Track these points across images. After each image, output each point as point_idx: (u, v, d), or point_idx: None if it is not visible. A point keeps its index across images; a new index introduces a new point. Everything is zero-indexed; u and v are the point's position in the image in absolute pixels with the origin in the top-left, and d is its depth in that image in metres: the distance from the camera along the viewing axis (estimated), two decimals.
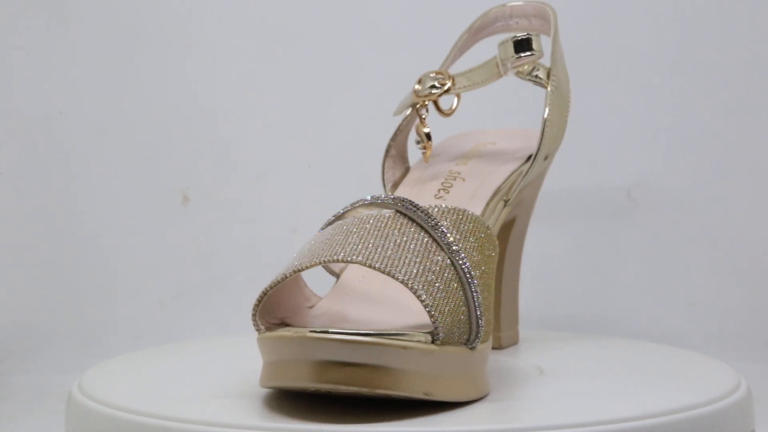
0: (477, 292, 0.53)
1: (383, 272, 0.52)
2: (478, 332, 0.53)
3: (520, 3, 0.72)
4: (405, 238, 0.54)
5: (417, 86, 0.67)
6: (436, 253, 0.54)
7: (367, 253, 0.52)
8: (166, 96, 0.89)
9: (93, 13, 0.88)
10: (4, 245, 0.87)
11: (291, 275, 0.53)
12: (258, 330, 0.54)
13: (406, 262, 0.53)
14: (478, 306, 0.53)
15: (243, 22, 0.90)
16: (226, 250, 0.89)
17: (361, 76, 0.90)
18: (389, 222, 0.54)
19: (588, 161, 0.90)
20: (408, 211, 0.55)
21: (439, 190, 0.67)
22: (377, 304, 0.57)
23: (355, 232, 0.54)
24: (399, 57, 0.87)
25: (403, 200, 0.55)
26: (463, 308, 0.53)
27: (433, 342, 0.51)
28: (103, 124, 0.88)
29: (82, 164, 0.88)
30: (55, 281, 0.87)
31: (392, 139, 0.69)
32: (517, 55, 0.65)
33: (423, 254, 0.53)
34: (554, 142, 0.69)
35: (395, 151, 0.70)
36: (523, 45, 0.65)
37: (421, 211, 0.54)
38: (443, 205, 0.56)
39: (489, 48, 0.74)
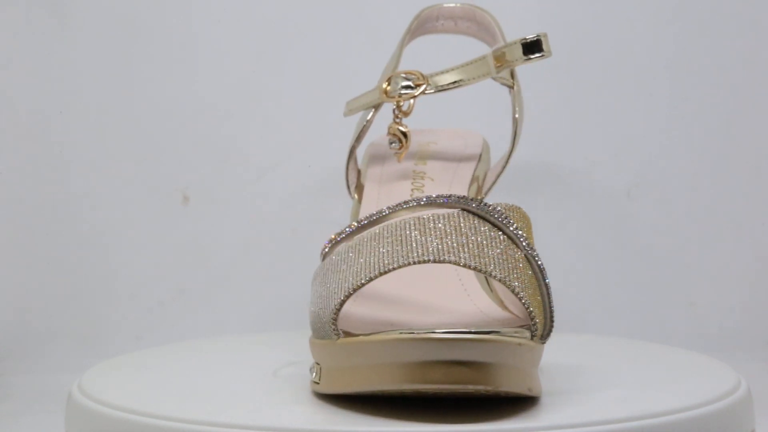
0: (549, 287, 0.54)
1: (479, 271, 0.51)
2: (551, 327, 0.53)
3: (451, 5, 0.72)
4: (482, 237, 0.53)
5: (386, 86, 0.66)
6: (515, 250, 0.54)
7: (457, 252, 0.52)
8: (165, 96, 0.89)
9: (93, 13, 0.88)
10: (4, 245, 0.87)
11: (376, 277, 0.52)
12: (337, 335, 0.52)
13: (495, 260, 0.52)
14: (551, 301, 0.53)
15: (243, 22, 0.90)
16: (226, 250, 0.89)
17: (361, 75, 0.89)
18: (461, 221, 0.54)
19: (588, 161, 0.91)
20: (478, 210, 0.54)
21: (412, 190, 0.67)
22: (401, 306, 0.57)
23: (428, 232, 0.53)
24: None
25: (471, 199, 0.54)
26: (541, 304, 0.53)
27: (531, 338, 0.51)
28: (103, 124, 0.88)
29: (82, 164, 0.88)
30: (56, 281, 0.87)
31: (357, 140, 0.68)
32: (526, 57, 0.64)
33: (506, 252, 0.53)
34: (519, 140, 0.69)
35: (355, 153, 0.70)
36: (532, 47, 0.64)
37: (493, 209, 0.54)
38: (503, 203, 0.56)
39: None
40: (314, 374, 0.55)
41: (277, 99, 0.90)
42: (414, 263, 0.52)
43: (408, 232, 0.53)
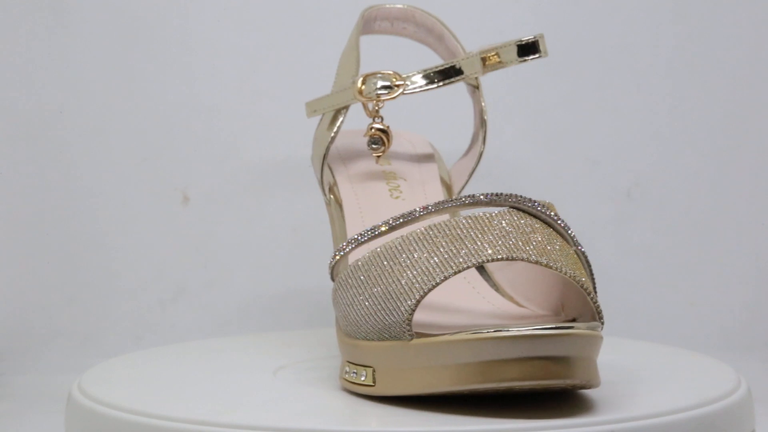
0: (594, 280, 0.54)
1: (549, 267, 0.52)
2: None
3: (389, 5, 0.72)
4: (540, 234, 0.53)
5: (360, 86, 0.65)
6: (568, 246, 0.54)
7: (525, 249, 0.52)
8: (166, 96, 0.89)
9: (93, 12, 0.88)
10: (4, 245, 0.87)
11: (451, 275, 0.52)
12: (411, 335, 0.52)
13: (559, 256, 0.53)
14: (596, 293, 0.54)
15: (243, 22, 0.89)
16: (226, 250, 0.89)
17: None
18: (514, 218, 0.54)
19: (588, 161, 0.90)
20: (530, 207, 0.54)
21: (390, 191, 0.67)
22: (424, 308, 0.57)
23: (487, 231, 0.53)
24: (399, 56, 0.87)
25: (521, 197, 0.55)
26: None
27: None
28: (103, 124, 0.88)
29: (82, 164, 0.88)
30: (55, 281, 0.87)
31: (331, 142, 0.67)
32: (521, 59, 0.64)
33: (564, 247, 0.54)
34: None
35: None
36: (527, 49, 0.64)
37: (542, 206, 0.54)
38: (540, 200, 0.56)
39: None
40: (363, 377, 0.54)
41: (277, 98, 0.90)
42: (487, 261, 0.52)
43: (465, 231, 0.53)
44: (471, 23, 0.90)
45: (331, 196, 0.68)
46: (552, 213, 0.55)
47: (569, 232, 0.55)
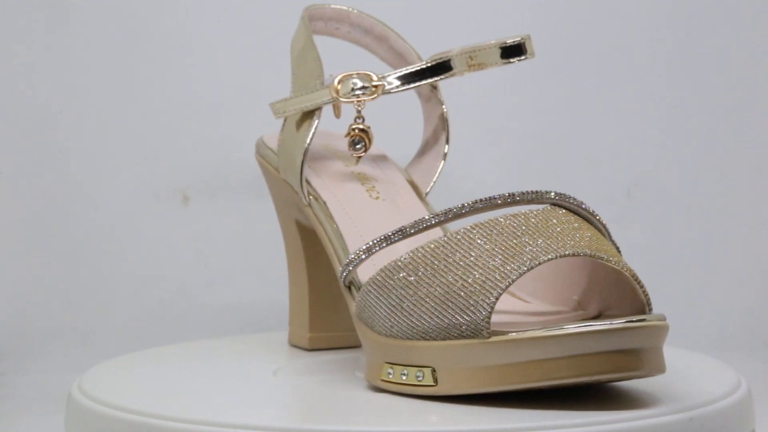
0: None
1: (610, 263, 0.52)
2: None
3: (323, 6, 0.70)
4: (587, 231, 0.54)
5: (337, 86, 0.64)
6: (608, 241, 0.55)
7: (581, 244, 0.52)
8: (166, 96, 0.89)
9: (93, 12, 0.88)
10: (3, 245, 0.87)
11: (525, 273, 0.51)
12: (489, 332, 0.51)
13: (610, 251, 0.53)
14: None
15: (243, 22, 0.90)
16: (226, 250, 0.89)
17: None
18: (561, 216, 0.54)
19: (588, 161, 0.90)
20: (572, 204, 0.55)
21: (368, 191, 0.66)
22: None
23: (543, 228, 0.53)
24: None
25: (561, 194, 0.55)
26: None
27: None
28: (103, 124, 0.88)
29: (82, 164, 0.88)
30: (55, 281, 0.87)
31: (309, 144, 0.65)
32: (506, 61, 0.63)
33: (609, 243, 0.54)
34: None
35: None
36: (512, 51, 0.62)
37: (581, 202, 0.55)
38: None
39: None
40: (419, 377, 0.53)
41: (277, 99, 0.90)
42: (555, 257, 0.52)
43: (519, 228, 0.53)
44: (470, 23, 0.90)
45: (311, 198, 0.66)
46: (592, 209, 0.55)
47: (605, 227, 0.55)
